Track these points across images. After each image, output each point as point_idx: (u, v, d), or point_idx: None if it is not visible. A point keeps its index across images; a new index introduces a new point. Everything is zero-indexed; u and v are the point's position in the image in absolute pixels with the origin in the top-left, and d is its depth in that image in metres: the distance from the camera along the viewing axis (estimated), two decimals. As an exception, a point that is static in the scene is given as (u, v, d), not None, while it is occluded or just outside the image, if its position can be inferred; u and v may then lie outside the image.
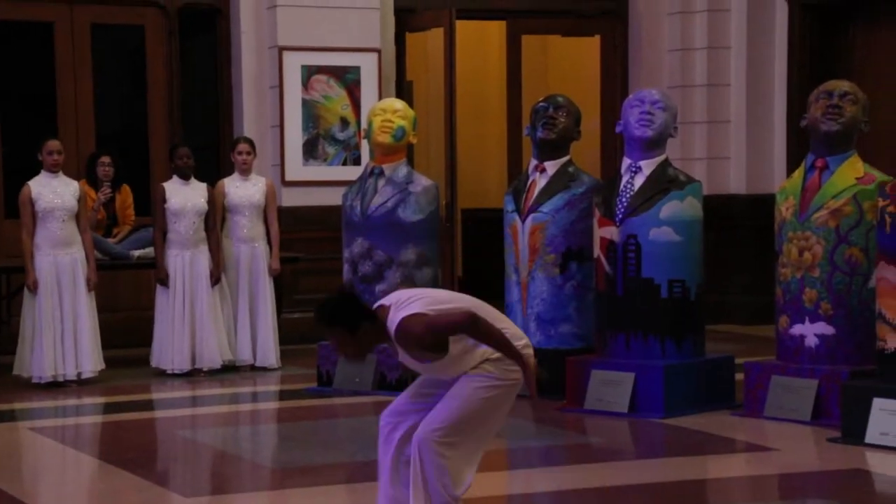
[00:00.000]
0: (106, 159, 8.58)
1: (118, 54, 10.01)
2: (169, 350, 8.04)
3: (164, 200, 8.11)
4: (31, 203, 7.68)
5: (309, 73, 9.50)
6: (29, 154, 8.00)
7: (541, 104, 7.37)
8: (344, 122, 9.61)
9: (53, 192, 7.72)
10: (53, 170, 7.78)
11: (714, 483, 5.48)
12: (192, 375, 8.04)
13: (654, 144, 6.72)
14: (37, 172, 7.83)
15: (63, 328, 7.66)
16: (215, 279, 8.13)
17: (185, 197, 8.12)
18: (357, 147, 9.56)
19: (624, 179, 6.75)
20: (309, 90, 9.51)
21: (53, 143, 7.86)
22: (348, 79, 9.59)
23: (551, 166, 7.27)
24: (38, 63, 9.41)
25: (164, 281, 8.07)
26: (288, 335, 8.75)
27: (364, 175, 7.66)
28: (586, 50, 10.95)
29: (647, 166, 6.71)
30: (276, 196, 8.59)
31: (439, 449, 4.07)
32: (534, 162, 7.36)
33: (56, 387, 7.66)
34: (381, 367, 7.34)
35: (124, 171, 8.72)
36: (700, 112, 10.17)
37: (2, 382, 7.81)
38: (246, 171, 8.42)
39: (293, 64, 9.46)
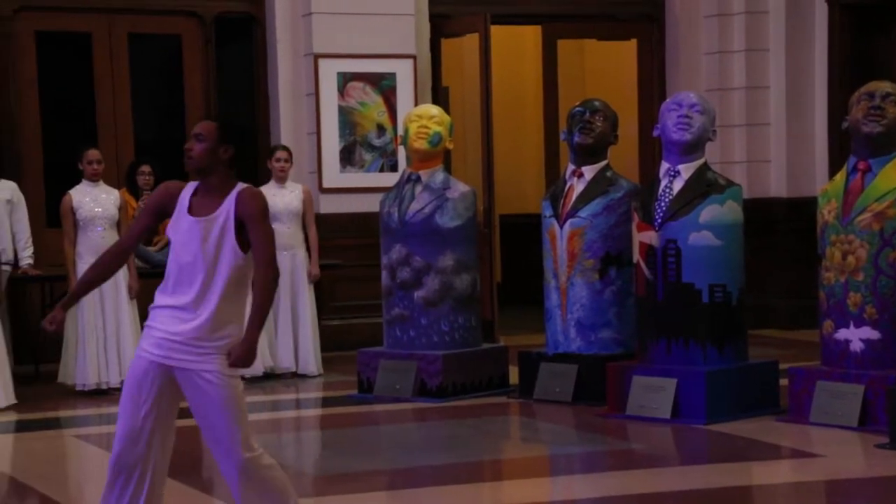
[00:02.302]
0: (146, 168, 8.63)
1: (155, 64, 10.07)
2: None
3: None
4: (73, 212, 7.75)
5: (345, 80, 9.52)
6: (69, 163, 8.07)
7: (577, 108, 7.34)
8: (380, 129, 9.62)
9: (94, 200, 7.78)
10: (94, 179, 7.85)
11: (759, 490, 5.43)
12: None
13: (692, 148, 6.68)
14: (77, 182, 7.90)
15: (106, 336, 7.72)
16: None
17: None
18: (394, 153, 9.56)
19: (662, 184, 6.71)
20: (345, 97, 9.53)
21: (93, 153, 7.93)
22: (384, 85, 9.60)
23: (589, 171, 7.25)
24: (78, 73, 9.49)
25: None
26: (327, 342, 8.76)
27: (401, 181, 7.66)
28: (623, 54, 10.90)
29: (686, 170, 6.67)
30: (313, 202, 8.61)
31: (260, 463, 3.89)
32: (571, 167, 7.34)
33: (100, 394, 7.71)
34: (422, 374, 7.33)
35: (164, 179, 8.75)
36: (739, 115, 10.10)
37: (47, 391, 7.88)
38: (283, 179, 8.45)
39: (329, 71, 9.48)
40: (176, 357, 3.85)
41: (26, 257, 8.09)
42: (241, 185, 3.94)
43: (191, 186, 3.96)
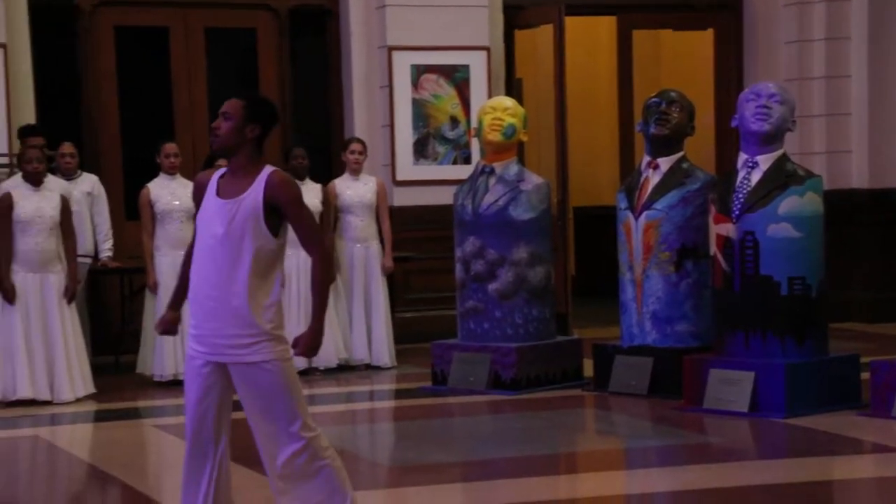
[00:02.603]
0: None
1: (231, 57, 10.16)
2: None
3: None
4: (150, 205, 7.84)
5: (418, 72, 9.52)
6: (147, 157, 8.17)
7: (653, 99, 7.27)
8: (454, 121, 9.61)
9: (172, 193, 7.87)
10: (171, 172, 7.94)
11: (841, 485, 5.33)
12: (309, 374, 8.11)
13: (771, 139, 6.58)
14: (155, 175, 8.00)
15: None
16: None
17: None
18: (467, 146, 9.54)
19: (740, 175, 6.61)
20: (419, 89, 9.54)
21: (171, 146, 8.02)
22: (458, 77, 9.59)
23: (665, 162, 7.17)
24: (155, 67, 9.60)
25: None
26: (400, 334, 8.78)
27: (475, 174, 7.64)
28: (699, 43, 10.77)
29: (765, 161, 6.57)
30: (386, 195, 8.63)
31: (320, 444, 3.88)
32: (647, 158, 7.27)
33: (178, 385, 7.78)
34: (496, 366, 7.31)
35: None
36: (819, 105, 9.93)
37: (125, 381, 7.99)
38: (357, 171, 8.47)
39: (403, 63, 9.49)
40: (228, 353, 3.84)
41: (106, 249, 8.22)
42: (269, 168, 3.89)
43: (220, 172, 3.96)
